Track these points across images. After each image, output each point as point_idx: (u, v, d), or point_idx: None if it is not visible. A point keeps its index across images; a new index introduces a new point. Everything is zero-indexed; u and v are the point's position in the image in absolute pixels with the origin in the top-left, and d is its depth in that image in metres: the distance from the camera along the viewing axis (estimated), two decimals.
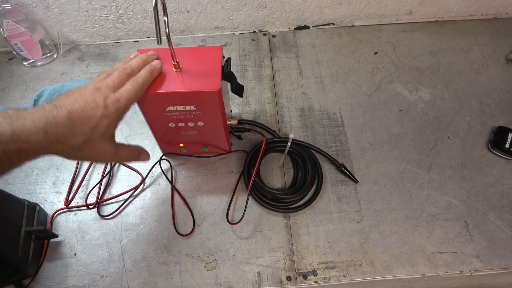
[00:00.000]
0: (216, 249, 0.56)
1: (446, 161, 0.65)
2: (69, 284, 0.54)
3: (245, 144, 0.67)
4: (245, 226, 0.58)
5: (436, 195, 0.61)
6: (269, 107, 0.72)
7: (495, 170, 0.64)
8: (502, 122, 0.69)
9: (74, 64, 0.80)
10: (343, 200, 0.61)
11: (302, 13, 0.82)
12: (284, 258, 0.56)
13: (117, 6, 0.76)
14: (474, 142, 0.67)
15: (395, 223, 0.58)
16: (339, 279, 0.54)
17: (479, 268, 0.55)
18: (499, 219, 0.59)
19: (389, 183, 0.62)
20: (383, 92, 0.74)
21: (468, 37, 0.82)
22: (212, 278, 0.54)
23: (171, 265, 0.55)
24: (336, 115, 0.70)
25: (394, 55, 0.79)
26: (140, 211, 0.60)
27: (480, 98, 0.72)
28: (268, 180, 0.63)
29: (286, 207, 0.59)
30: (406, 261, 0.55)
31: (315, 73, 0.77)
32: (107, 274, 0.54)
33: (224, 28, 0.84)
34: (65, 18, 0.78)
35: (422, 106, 0.71)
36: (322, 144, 0.67)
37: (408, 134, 0.68)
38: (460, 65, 0.77)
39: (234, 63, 0.78)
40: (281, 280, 0.54)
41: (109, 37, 0.84)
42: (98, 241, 0.57)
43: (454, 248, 0.56)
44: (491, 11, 0.86)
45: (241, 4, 0.79)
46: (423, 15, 0.86)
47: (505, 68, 0.77)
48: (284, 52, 0.81)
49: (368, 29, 0.84)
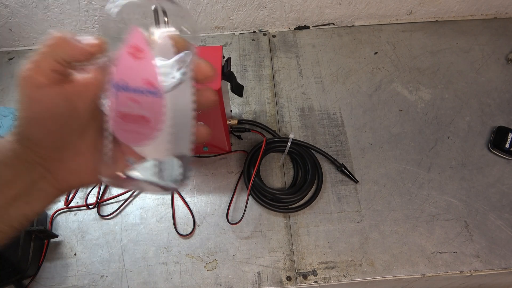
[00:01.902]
0: (216, 249, 0.56)
1: (446, 161, 0.65)
2: (69, 284, 0.54)
3: (245, 144, 0.67)
4: (245, 226, 0.58)
5: (436, 195, 0.61)
6: (269, 107, 0.72)
7: (495, 170, 0.64)
8: (502, 122, 0.69)
9: None
10: (343, 200, 0.61)
11: (302, 13, 0.82)
12: (284, 258, 0.56)
13: None
14: (474, 142, 0.67)
15: (395, 223, 0.58)
16: (339, 279, 0.54)
17: (479, 268, 0.55)
18: (499, 219, 0.59)
19: (389, 183, 0.62)
20: (383, 92, 0.74)
21: (468, 37, 0.82)
22: (212, 278, 0.54)
23: (171, 265, 0.55)
24: (336, 115, 0.70)
25: (394, 55, 0.79)
26: (140, 211, 0.60)
27: (480, 98, 0.72)
28: (268, 180, 0.63)
29: (286, 207, 0.59)
30: (406, 261, 0.55)
31: (315, 73, 0.77)
32: (107, 274, 0.54)
33: (224, 28, 0.84)
34: (65, 18, 0.78)
35: (422, 106, 0.71)
36: (322, 144, 0.67)
37: (408, 134, 0.68)
38: (460, 65, 0.77)
39: (234, 63, 0.78)
40: (281, 280, 0.54)
41: None
42: (98, 241, 0.57)
43: (454, 248, 0.56)
44: (491, 11, 0.86)
45: (241, 4, 0.79)
46: (423, 15, 0.86)
47: (505, 68, 0.77)
48: (284, 52, 0.81)
49: (368, 29, 0.84)
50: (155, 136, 0.25)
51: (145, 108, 0.24)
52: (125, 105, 0.24)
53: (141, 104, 0.24)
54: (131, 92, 0.24)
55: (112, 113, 0.25)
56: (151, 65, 0.24)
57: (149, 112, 0.24)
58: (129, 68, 0.24)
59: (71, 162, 0.27)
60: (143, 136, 0.25)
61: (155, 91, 0.24)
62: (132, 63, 0.24)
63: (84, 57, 0.25)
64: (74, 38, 0.24)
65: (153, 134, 0.25)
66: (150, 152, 0.25)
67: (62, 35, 0.24)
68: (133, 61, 0.24)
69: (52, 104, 0.24)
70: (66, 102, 0.25)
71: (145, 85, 0.24)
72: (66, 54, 0.24)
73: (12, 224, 0.27)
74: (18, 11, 0.75)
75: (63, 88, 0.25)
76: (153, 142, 0.25)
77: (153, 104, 0.24)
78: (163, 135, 0.25)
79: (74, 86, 0.25)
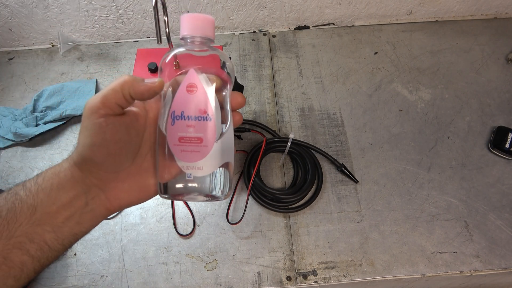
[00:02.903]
0: (216, 249, 0.56)
1: (446, 161, 0.65)
2: (69, 284, 0.54)
3: (245, 144, 0.67)
4: (245, 226, 0.58)
5: (436, 195, 0.61)
6: (269, 107, 0.72)
7: (495, 170, 0.64)
8: (502, 122, 0.69)
9: (74, 64, 0.80)
10: (343, 200, 0.61)
11: (302, 13, 0.82)
12: (284, 258, 0.56)
13: (117, 6, 0.76)
14: (474, 142, 0.67)
15: (395, 223, 0.58)
16: (339, 279, 0.54)
17: (479, 268, 0.55)
18: (499, 219, 0.59)
19: (389, 183, 0.62)
20: (383, 92, 0.74)
21: (468, 37, 0.82)
22: (212, 278, 0.54)
23: (171, 265, 0.55)
24: (336, 115, 0.70)
25: (394, 55, 0.79)
26: (140, 211, 0.60)
27: (480, 98, 0.72)
28: (268, 180, 0.63)
29: (286, 207, 0.59)
30: (406, 261, 0.55)
31: (315, 73, 0.77)
32: (107, 274, 0.54)
33: (224, 28, 0.84)
34: (65, 18, 0.78)
35: (422, 106, 0.71)
36: (322, 144, 0.67)
37: (408, 134, 0.68)
38: (460, 65, 0.77)
39: (234, 63, 0.78)
40: (281, 280, 0.54)
41: (109, 37, 0.84)
42: (98, 241, 0.57)
43: (454, 248, 0.56)
44: (491, 11, 0.86)
45: (241, 4, 0.79)
46: (423, 15, 0.86)
47: (505, 68, 0.77)
48: (284, 52, 0.81)
49: (368, 29, 0.84)
50: (208, 152, 0.30)
51: (199, 130, 0.30)
52: (183, 130, 0.30)
53: (195, 128, 0.30)
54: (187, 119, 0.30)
55: (171, 137, 0.30)
56: (204, 97, 0.30)
57: (203, 133, 0.30)
58: (185, 100, 0.30)
59: (124, 183, 0.32)
60: (198, 153, 0.30)
61: (206, 116, 0.30)
62: (188, 96, 0.30)
63: (149, 94, 0.30)
64: (141, 78, 0.30)
65: (206, 151, 0.30)
66: (205, 166, 0.31)
67: (131, 76, 0.29)
68: (189, 95, 0.30)
69: (115, 130, 0.29)
70: (125, 129, 0.30)
71: (199, 113, 0.30)
72: (134, 91, 0.29)
73: (64, 243, 0.29)
74: (18, 11, 0.75)
75: (122, 118, 0.30)
76: (207, 157, 0.30)
77: (206, 127, 0.30)
78: (214, 150, 0.31)
79: (128, 117, 0.30)
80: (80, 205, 0.29)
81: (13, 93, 0.75)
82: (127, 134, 0.30)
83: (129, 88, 0.29)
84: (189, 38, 0.32)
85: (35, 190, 0.28)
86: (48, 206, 0.28)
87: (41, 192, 0.28)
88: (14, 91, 0.76)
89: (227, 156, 0.32)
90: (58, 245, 0.28)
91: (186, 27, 0.31)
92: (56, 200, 0.28)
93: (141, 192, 0.33)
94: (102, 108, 0.28)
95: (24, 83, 0.77)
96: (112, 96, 0.28)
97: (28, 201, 0.27)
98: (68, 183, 0.29)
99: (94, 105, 0.28)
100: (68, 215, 0.29)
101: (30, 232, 0.27)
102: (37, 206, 0.28)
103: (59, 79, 0.77)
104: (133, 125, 0.31)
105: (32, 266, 0.27)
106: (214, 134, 0.30)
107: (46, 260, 0.28)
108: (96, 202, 0.30)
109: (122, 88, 0.28)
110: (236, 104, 0.33)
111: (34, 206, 0.27)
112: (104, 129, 0.28)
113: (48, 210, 0.28)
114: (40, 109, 0.70)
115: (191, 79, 0.30)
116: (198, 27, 0.31)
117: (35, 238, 0.27)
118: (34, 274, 0.28)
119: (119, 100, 0.29)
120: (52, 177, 0.29)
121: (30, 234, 0.27)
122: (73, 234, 0.29)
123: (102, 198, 0.31)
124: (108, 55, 0.81)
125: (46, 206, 0.28)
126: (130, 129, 0.30)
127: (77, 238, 0.30)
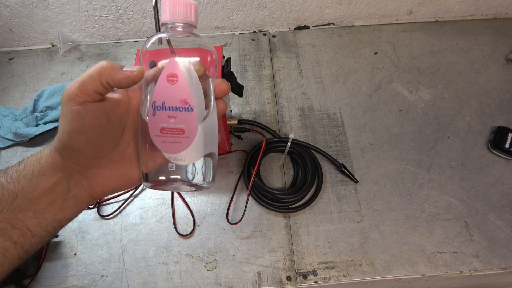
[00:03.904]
0: (216, 249, 0.56)
1: (446, 161, 0.65)
2: (69, 284, 0.54)
3: (245, 144, 0.67)
4: (245, 226, 0.58)
5: (436, 195, 0.61)
6: (269, 107, 0.72)
7: (495, 170, 0.64)
8: (502, 122, 0.69)
9: (74, 64, 0.80)
10: (343, 200, 0.61)
11: (302, 13, 0.82)
12: (284, 258, 0.56)
13: (117, 6, 0.76)
14: (474, 142, 0.67)
15: (395, 223, 0.58)
16: (339, 279, 0.54)
17: (479, 268, 0.55)
18: (499, 219, 0.59)
19: (389, 183, 0.62)
20: (383, 92, 0.74)
21: (468, 37, 0.82)
22: (212, 278, 0.54)
23: (171, 265, 0.55)
24: (336, 115, 0.70)
25: (394, 55, 0.79)
26: (140, 211, 0.60)
27: (480, 98, 0.72)
28: (268, 180, 0.63)
29: (286, 207, 0.59)
30: (406, 261, 0.55)
31: (315, 73, 0.77)
32: (107, 274, 0.54)
33: (224, 28, 0.84)
34: (65, 18, 0.78)
35: (422, 106, 0.71)
36: (322, 144, 0.67)
37: (408, 134, 0.68)
38: (460, 65, 0.77)
39: (234, 63, 0.78)
40: (281, 280, 0.54)
41: (109, 37, 0.84)
42: (98, 241, 0.57)
43: (454, 248, 0.56)
44: (491, 11, 0.86)
45: (241, 4, 0.79)
46: (423, 15, 0.86)
47: (505, 68, 0.77)
48: (284, 52, 0.81)
49: (368, 29, 0.84)
50: (190, 143, 0.30)
51: (181, 121, 0.29)
52: (164, 121, 0.29)
53: (177, 119, 0.29)
54: (168, 110, 0.29)
55: (153, 128, 0.29)
56: (185, 87, 0.29)
57: (185, 124, 0.29)
58: (166, 91, 0.29)
59: (106, 170, 0.31)
60: (180, 144, 0.30)
61: (188, 107, 0.29)
62: (169, 86, 0.29)
63: (127, 83, 0.29)
64: (119, 66, 0.29)
65: (188, 142, 0.30)
66: (187, 157, 0.30)
67: (110, 63, 0.28)
68: (170, 85, 0.29)
69: (94, 117, 0.28)
70: (105, 115, 0.29)
71: (180, 104, 0.29)
72: (112, 79, 0.28)
73: (48, 229, 0.29)
74: (18, 11, 0.75)
75: (102, 104, 0.29)
76: (189, 148, 0.30)
77: (187, 117, 0.29)
78: (196, 141, 0.30)
79: (109, 103, 0.29)
80: (62, 191, 0.29)
81: (13, 93, 0.75)
82: (107, 120, 0.29)
83: (106, 76, 0.28)
84: (170, 24, 0.31)
85: (16, 176, 0.28)
86: (29, 192, 0.28)
87: (22, 178, 0.28)
88: (14, 91, 0.76)
89: (211, 147, 0.31)
90: (41, 231, 0.28)
91: (167, 12, 0.30)
92: (38, 186, 0.28)
93: (124, 179, 0.32)
94: (80, 95, 0.27)
95: (24, 83, 0.77)
96: (89, 83, 0.28)
97: (9, 188, 0.27)
98: (49, 169, 0.29)
99: (71, 91, 0.28)
100: (50, 201, 0.29)
101: (12, 218, 0.27)
102: (18, 192, 0.27)
103: (59, 79, 0.77)
104: (114, 111, 0.30)
105: (16, 251, 0.27)
106: (196, 124, 0.29)
107: (31, 246, 0.28)
108: (79, 189, 0.30)
109: (100, 75, 0.28)
110: (220, 92, 0.32)
111: (15, 192, 0.27)
112: (82, 115, 0.28)
113: (29, 196, 0.28)
114: (40, 109, 0.70)
115: (171, 69, 0.29)
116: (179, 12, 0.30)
117: (17, 224, 0.27)
118: (19, 259, 0.28)
119: (97, 87, 0.28)
120: (34, 163, 0.29)
121: (12, 220, 0.27)
122: (56, 220, 0.29)
123: (85, 185, 0.30)
124: (108, 55, 0.81)
125: (27, 192, 0.28)
126: (110, 115, 0.30)
127: (61, 224, 0.30)
